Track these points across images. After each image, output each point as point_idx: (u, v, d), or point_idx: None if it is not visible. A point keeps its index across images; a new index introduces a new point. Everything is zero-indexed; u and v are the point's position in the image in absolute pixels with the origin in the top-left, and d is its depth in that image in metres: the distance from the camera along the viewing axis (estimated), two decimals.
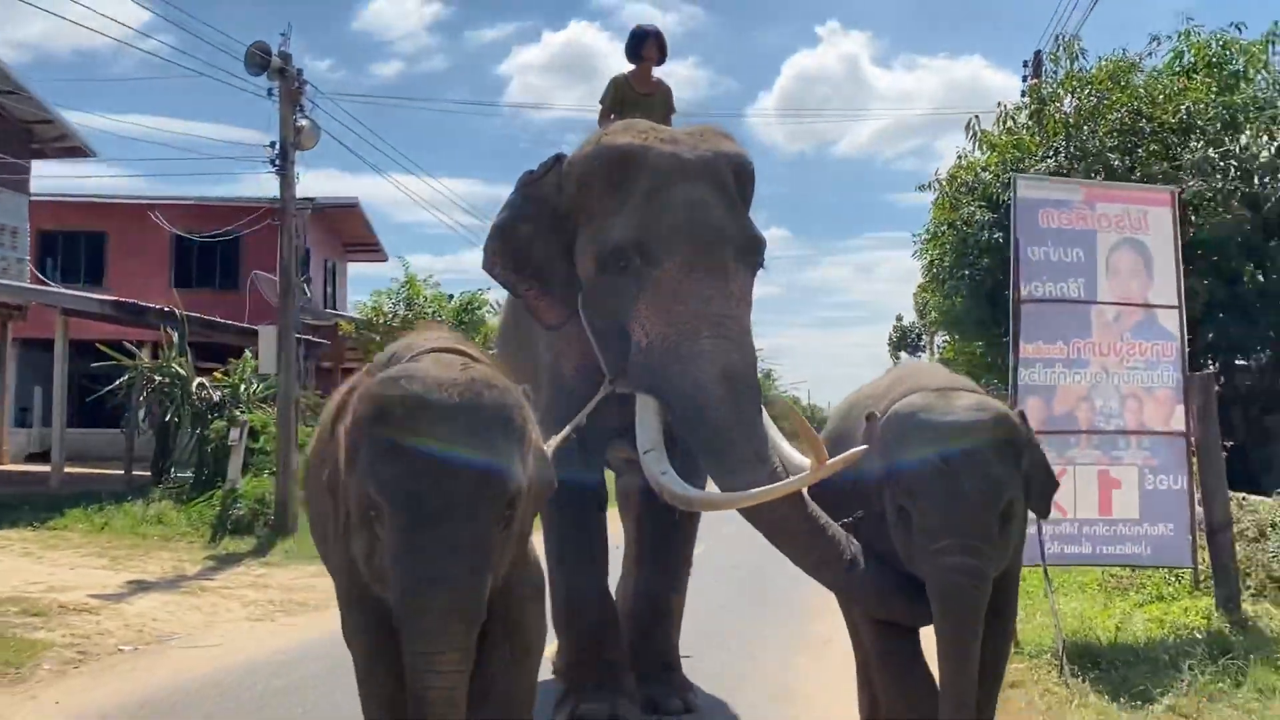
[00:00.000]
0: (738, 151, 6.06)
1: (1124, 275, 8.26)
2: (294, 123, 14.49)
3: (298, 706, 6.81)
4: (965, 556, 4.33)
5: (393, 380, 3.67)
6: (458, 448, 3.60)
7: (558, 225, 6.04)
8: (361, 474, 3.60)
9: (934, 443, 4.52)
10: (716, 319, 5.44)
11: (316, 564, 12.63)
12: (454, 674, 3.51)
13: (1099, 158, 15.37)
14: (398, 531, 3.52)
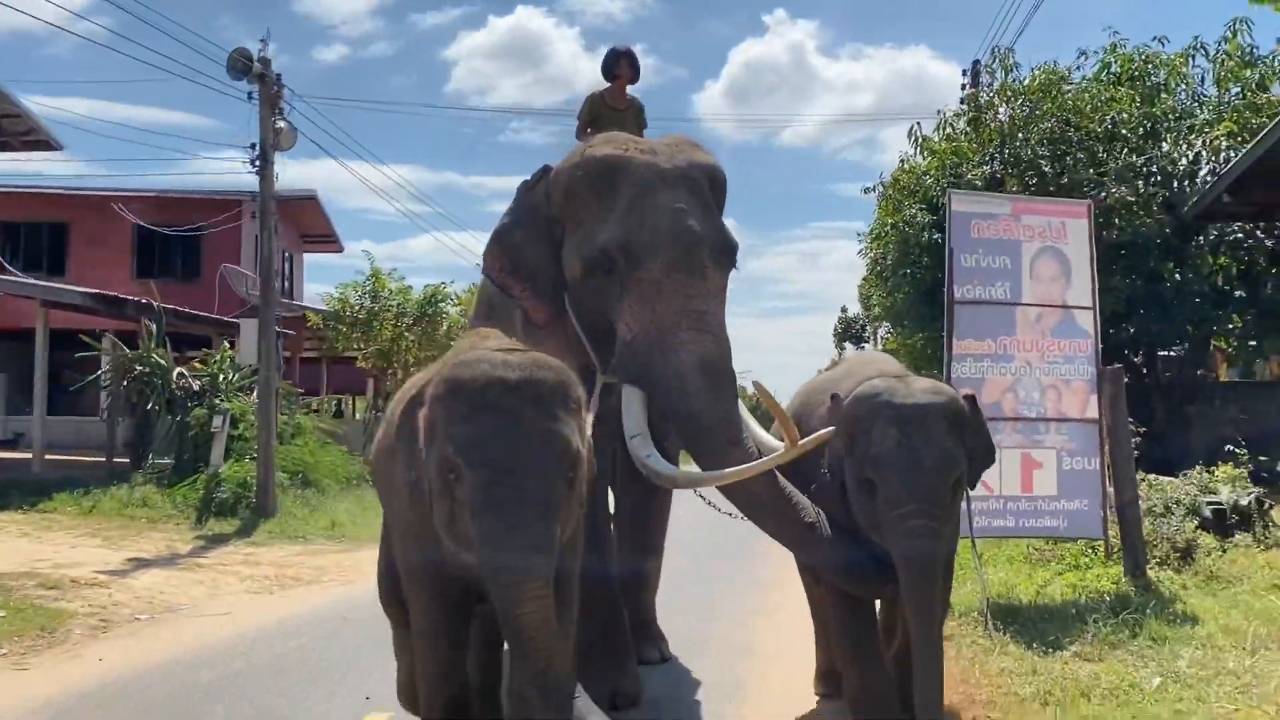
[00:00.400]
0: (711, 161, 6.53)
1: (1045, 280, 9.28)
2: (273, 124, 15.15)
3: (311, 665, 7.60)
4: (925, 520, 5.02)
5: (464, 364, 4.28)
6: (524, 414, 4.18)
7: (546, 231, 6.47)
8: (441, 441, 4.15)
9: (895, 421, 5.14)
10: (696, 315, 5.89)
11: (300, 544, 13.51)
12: (542, 599, 3.99)
13: (1031, 165, 16.50)
14: (476, 488, 4.03)
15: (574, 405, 4.38)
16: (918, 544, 4.99)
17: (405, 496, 4.61)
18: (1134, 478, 9.37)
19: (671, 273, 5.92)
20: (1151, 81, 17.87)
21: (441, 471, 4.16)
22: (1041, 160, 16.50)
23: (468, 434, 4.09)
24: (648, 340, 5.80)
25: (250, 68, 14.64)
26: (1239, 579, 9.01)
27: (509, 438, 4.10)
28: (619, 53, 7.87)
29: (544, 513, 4.07)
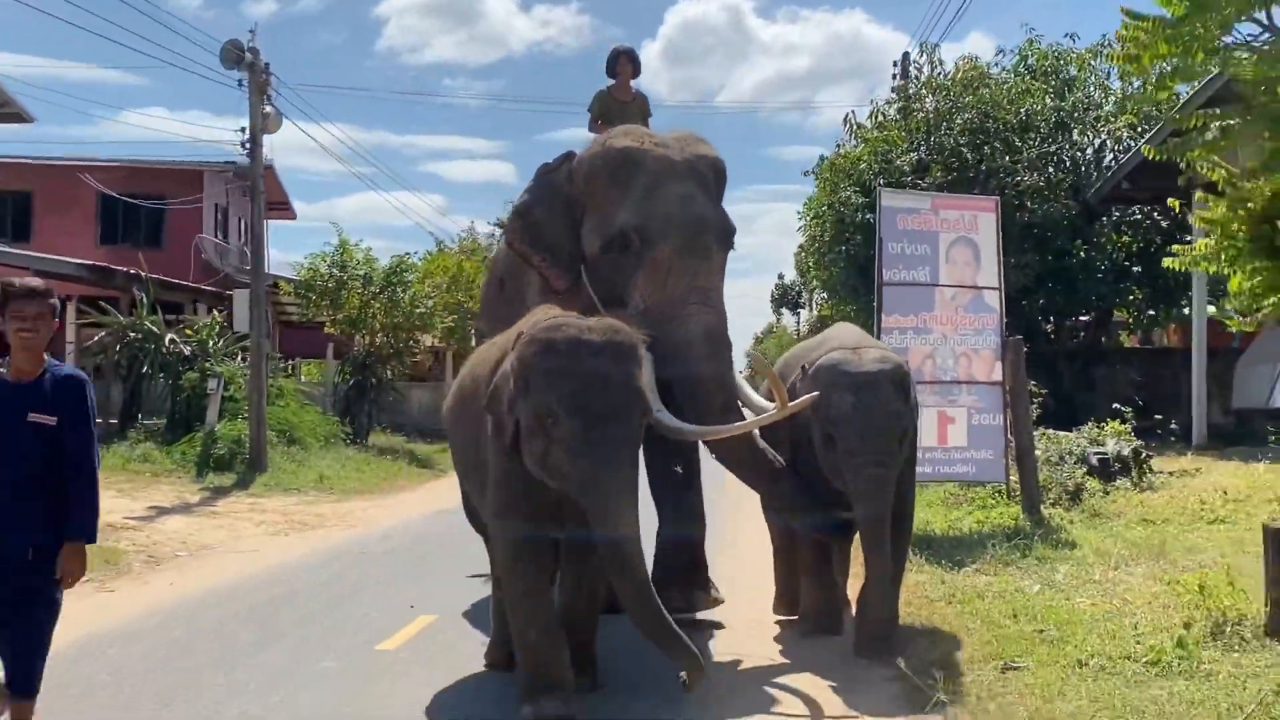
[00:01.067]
0: (714, 155, 7.37)
1: (959, 265, 10.95)
2: (262, 110, 16.34)
3: (350, 585, 9.10)
4: (876, 467, 6.15)
5: (552, 329, 5.18)
6: (609, 371, 5.06)
7: (567, 210, 7.18)
8: (538, 394, 5.01)
9: (850, 387, 6.26)
10: (701, 291, 6.76)
11: (294, 495, 14.90)
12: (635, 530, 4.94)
13: (954, 152, 18.22)
14: (573, 433, 4.92)
15: (641, 362, 5.35)
16: (869, 484, 6.19)
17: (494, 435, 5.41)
18: (1031, 431, 11.12)
19: (681, 254, 6.77)
20: (1063, 76, 19.65)
21: (539, 417, 5.04)
22: (963, 148, 18.23)
23: (565, 387, 5.01)
24: (659, 312, 6.60)
25: (242, 58, 15.81)
26: (1116, 515, 10.82)
27: (599, 390, 5.04)
28: (619, 52, 8.85)
29: (630, 454, 5.11)
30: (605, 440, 5.00)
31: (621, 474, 5.04)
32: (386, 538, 11.92)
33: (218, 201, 29.48)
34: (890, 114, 20.05)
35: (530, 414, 5.09)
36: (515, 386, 5.18)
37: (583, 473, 4.99)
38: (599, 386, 5.06)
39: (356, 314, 22.17)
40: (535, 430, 5.09)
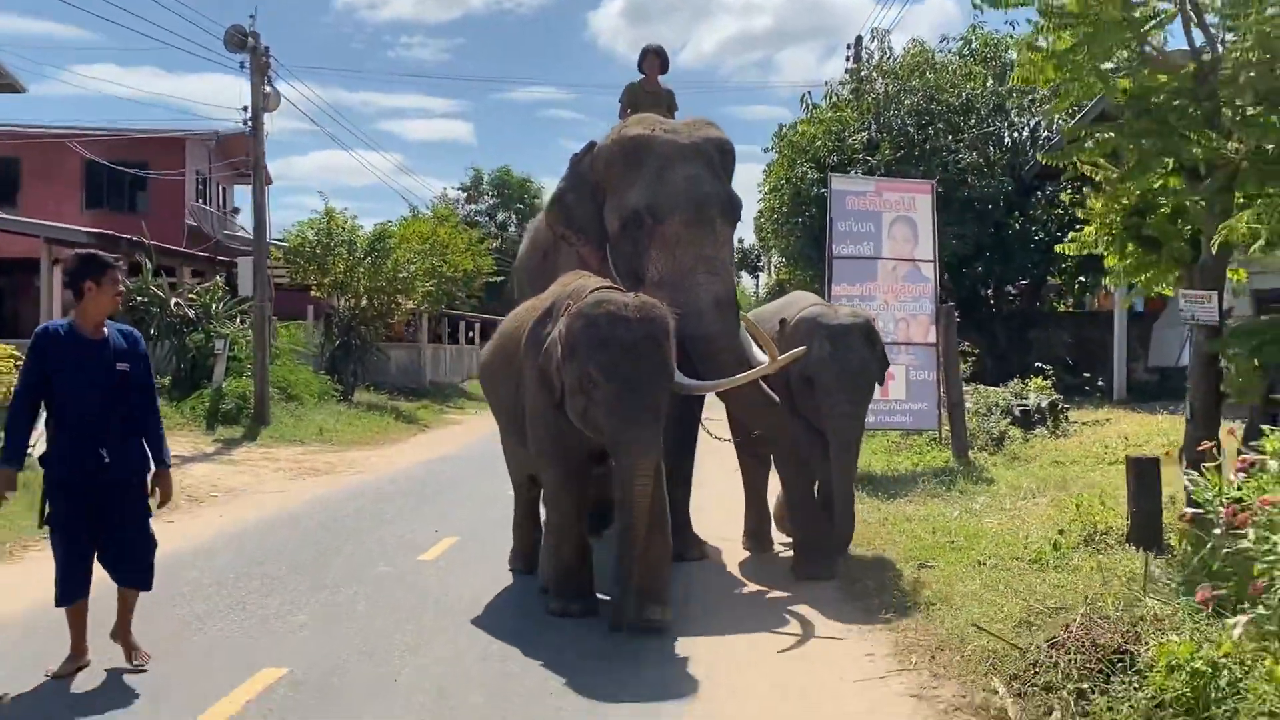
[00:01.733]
0: (722, 137, 8.06)
1: (899, 240, 12.55)
2: (262, 90, 17.57)
3: (379, 515, 10.58)
4: (851, 407, 7.39)
5: (596, 304, 6.08)
6: (642, 344, 5.93)
7: (591, 194, 7.99)
8: (582, 359, 5.94)
9: (828, 337, 7.40)
10: (708, 260, 7.48)
11: (299, 446, 16.38)
12: (652, 478, 5.84)
13: (901, 132, 19.77)
14: (611, 395, 5.87)
15: (670, 335, 6.24)
16: (844, 422, 7.42)
17: (539, 391, 6.43)
18: (961, 387, 12.79)
19: (688, 227, 7.50)
20: (1002, 61, 21.22)
21: (582, 380, 6.03)
22: (910, 128, 19.79)
23: (604, 357, 5.96)
24: (671, 281, 7.33)
25: (246, 42, 17.02)
26: (1032, 458, 12.51)
27: (633, 360, 5.96)
28: (648, 50, 9.66)
29: (656, 414, 6.05)
30: (635, 403, 5.97)
31: (647, 431, 6.00)
32: (394, 480, 13.41)
33: (198, 168, 30.50)
34: (844, 94, 21.55)
35: (574, 377, 6.10)
36: (562, 353, 6.15)
37: (614, 429, 6.01)
38: (633, 357, 6.01)
39: (342, 278, 23.45)
40: (577, 390, 6.12)
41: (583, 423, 6.20)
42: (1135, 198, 8.09)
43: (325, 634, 6.11)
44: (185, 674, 5.38)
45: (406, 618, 6.47)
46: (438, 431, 21.50)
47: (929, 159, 19.09)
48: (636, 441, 5.95)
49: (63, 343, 5.35)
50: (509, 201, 62.41)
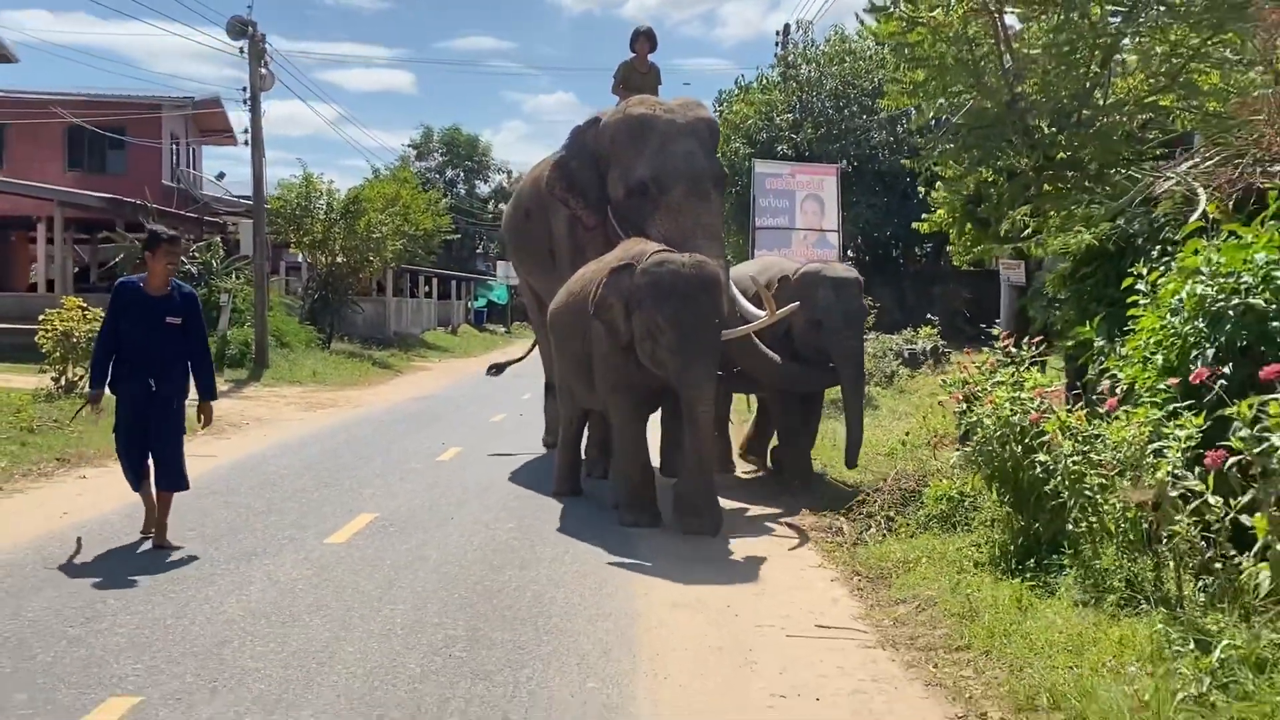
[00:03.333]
0: (710, 117, 9.30)
1: (809, 214, 15.34)
2: (259, 72, 19.88)
3: (391, 431, 13.24)
4: (856, 342, 8.70)
5: (659, 263, 7.29)
6: (699, 296, 7.14)
7: (594, 163, 9.00)
8: (649, 310, 7.11)
9: (833, 287, 8.62)
10: (707, 227, 8.55)
11: (298, 386, 19.16)
12: (710, 404, 7.25)
13: (822, 113, 22.50)
14: (676, 340, 7.05)
15: (722, 288, 7.49)
16: (854, 354, 8.69)
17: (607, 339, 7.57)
18: None
19: (687, 197, 8.57)
20: None
21: (650, 328, 7.24)
22: (829, 110, 22.55)
23: (668, 307, 7.17)
24: (674, 243, 8.17)
25: (245, 31, 19.32)
26: (915, 391, 15.43)
27: (691, 309, 7.16)
28: (639, 32, 10.81)
29: (712, 353, 7.35)
30: (694, 344, 7.18)
31: (705, 367, 7.24)
32: (391, 412, 16.05)
33: (174, 130, 32.48)
34: (773, 77, 24.23)
35: (642, 325, 7.35)
36: (632, 304, 7.39)
37: (679, 367, 7.21)
38: (691, 306, 7.21)
39: (321, 237, 25.82)
40: (645, 337, 7.38)
41: (651, 362, 7.38)
42: (971, 189, 10.95)
43: (390, 497, 8.77)
44: (310, 516, 8.00)
45: (442, 494, 9.13)
46: (411, 376, 24.08)
47: (845, 137, 21.84)
48: (697, 376, 7.21)
49: (131, 297, 6.80)
50: (458, 159, 64.45)
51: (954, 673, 4.60)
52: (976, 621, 5.08)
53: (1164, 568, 4.79)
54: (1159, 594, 4.71)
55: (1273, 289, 5.20)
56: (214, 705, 4.18)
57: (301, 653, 4.81)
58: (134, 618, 5.30)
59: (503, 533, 7.57)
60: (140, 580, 6.01)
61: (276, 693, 4.33)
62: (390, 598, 5.78)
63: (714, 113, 25.81)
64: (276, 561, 6.55)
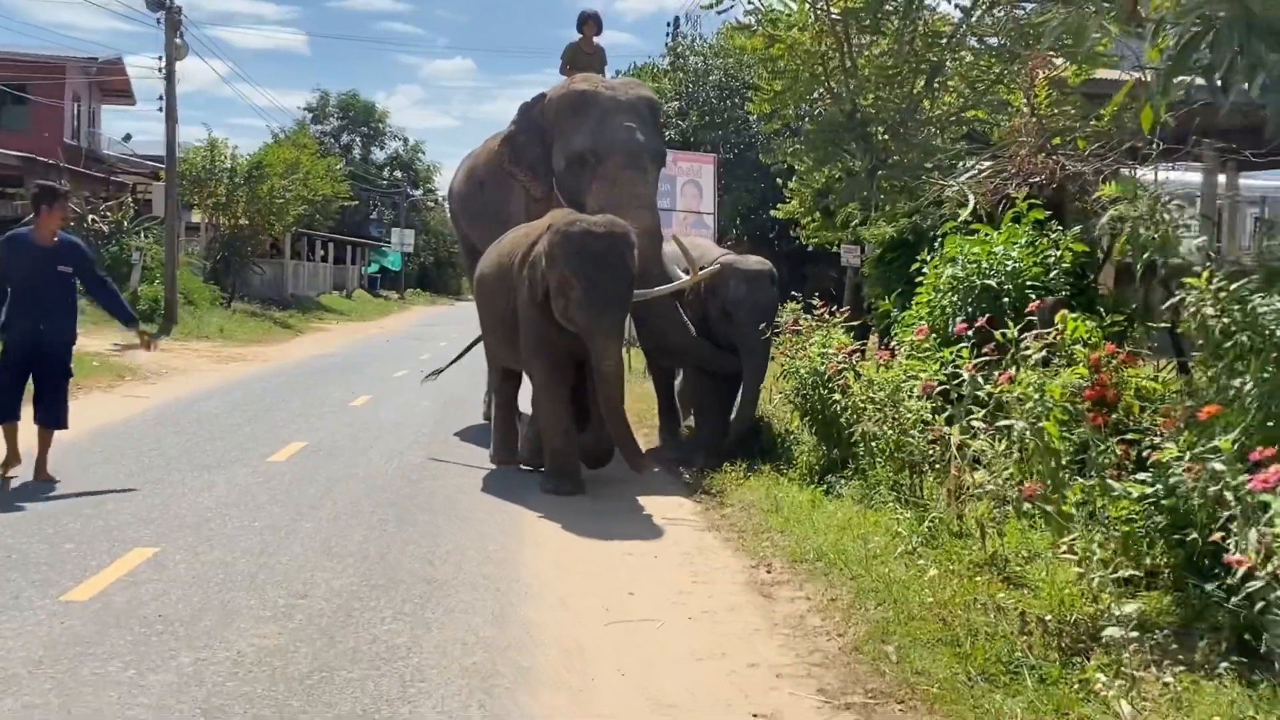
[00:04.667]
0: (651, 97, 9.63)
1: (689, 198, 17.06)
2: (175, 43, 20.85)
3: (320, 375, 14.59)
4: (761, 333, 8.47)
5: (570, 224, 7.52)
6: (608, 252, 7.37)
7: (541, 137, 9.27)
8: (559, 266, 7.30)
9: (745, 279, 8.75)
10: (641, 197, 8.78)
11: (207, 342, 20.50)
12: (619, 357, 7.59)
13: (707, 102, 24.23)
14: (584, 292, 7.25)
15: (632, 246, 7.63)
16: (758, 346, 8.63)
17: (528, 299, 7.74)
18: None
19: (624, 169, 8.76)
20: None
21: (562, 283, 7.44)
22: (714, 100, 24.27)
23: (577, 263, 7.39)
24: (609, 212, 8.27)
25: (164, 3, 20.27)
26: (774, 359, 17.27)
27: (600, 265, 7.39)
28: (587, 15, 11.12)
29: (620, 308, 7.64)
30: (602, 298, 7.40)
31: (614, 322, 7.50)
32: (300, 366, 17.39)
33: (76, 90, 32.84)
34: (663, 66, 25.87)
35: (555, 281, 7.55)
36: (546, 262, 7.61)
37: (586, 320, 7.44)
38: (600, 262, 7.44)
39: (224, 201, 26.77)
40: (558, 292, 7.56)
41: (564, 319, 7.59)
42: (819, 183, 12.80)
43: (315, 431, 10.24)
44: (249, 442, 9.45)
45: (360, 430, 10.61)
46: (312, 336, 25.28)
47: (727, 126, 23.58)
48: (605, 330, 7.48)
49: (21, 247, 7.44)
50: (354, 125, 64.81)
51: (756, 543, 6.34)
52: (778, 514, 6.84)
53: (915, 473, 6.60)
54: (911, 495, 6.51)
55: (1004, 273, 7.08)
56: (213, 555, 5.73)
57: (269, 528, 6.36)
58: (133, 504, 6.80)
59: (417, 458, 9.14)
60: (120, 481, 7.48)
61: (258, 548, 5.90)
62: (332, 495, 7.35)
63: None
64: (231, 473, 8.05)
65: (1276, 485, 3.13)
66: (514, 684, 4.14)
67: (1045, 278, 7.06)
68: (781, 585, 5.60)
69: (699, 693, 4.14)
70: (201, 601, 4.95)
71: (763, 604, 5.32)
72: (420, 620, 4.82)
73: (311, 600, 5.04)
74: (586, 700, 4.04)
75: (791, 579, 5.66)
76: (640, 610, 5.14)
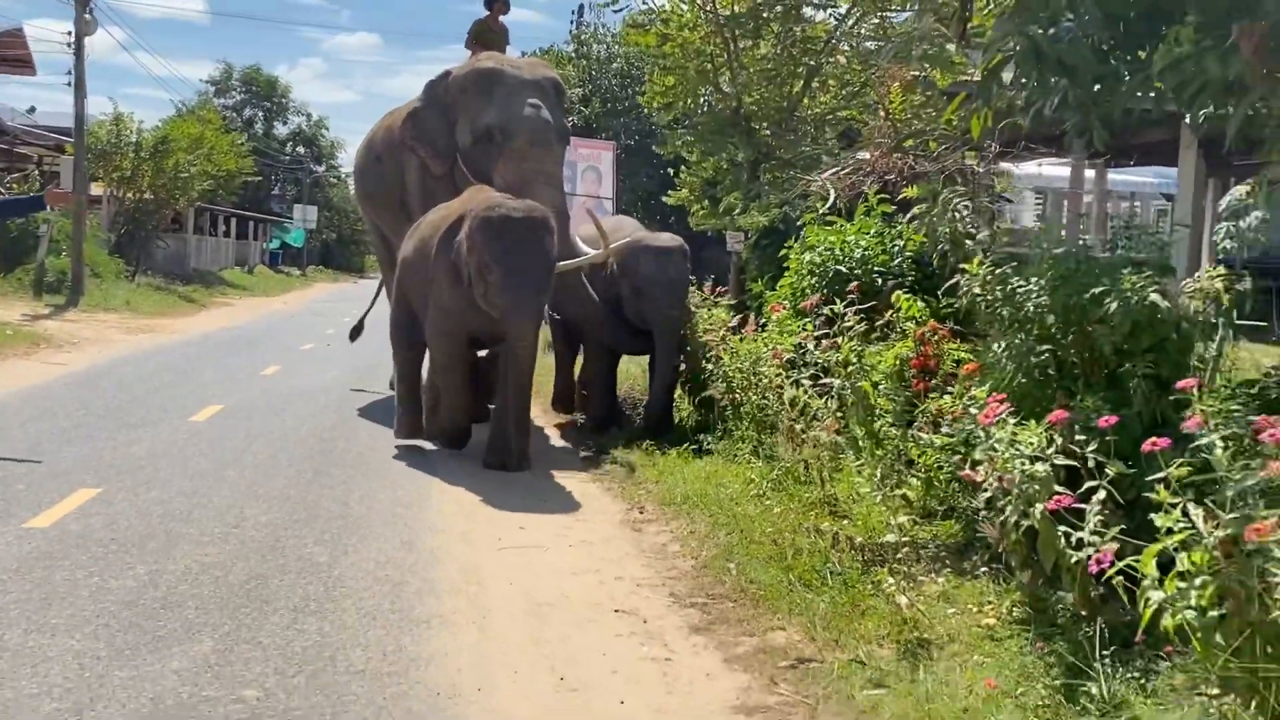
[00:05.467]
0: (555, 77, 9.86)
1: (589, 183, 17.95)
2: (84, 18, 21.03)
3: (217, 351, 15.17)
4: (673, 310, 8.78)
5: (490, 208, 7.63)
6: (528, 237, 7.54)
7: (444, 114, 9.36)
8: (480, 251, 7.40)
9: (655, 255, 8.88)
10: (548, 174, 9.06)
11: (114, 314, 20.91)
12: (534, 341, 7.77)
13: (609, 90, 25.08)
14: (502, 277, 7.37)
15: (553, 232, 7.84)
16: (670, 322, 8.82)
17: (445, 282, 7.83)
18: None
19: (530, 145, 8.96)
20: None
21: (480, 268, 7.54)
22: (615, 88, 25.14)
23: (499, 247, 7.52)
24: (515, 188, 8.57)
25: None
26: None
27: (519, 251, 7.56)
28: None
29: (539, 293, 7.75)
30: (521, 284, 7.59)
31: (532, 306, 7.66)
32: (207, 338, 17.90)
33: None
34: (568, 53, 26.65)
35: (476, 265, 7.64)
36: (466, 246, 7.70)
37: (504, 304, 7.58)
38: (519, 248, 7.62)
39: (129, 175, 26.88)
40: (478, 276, 7.65)
41: (484, 302, 7.69)
42: (708, 173, 13.79)
43: (230, 396, 10.89)
44: (169, 405, 10.10)
45: (273, 395, 11.30)
46: (217, 310, 25.60)
47: (629, 113, 24.47)
48: (522, 314, 7.65)
49: None
50: (257, 99, 64.20)
51: (632, 491, 7.29)
52: (654, 468, 7.79)
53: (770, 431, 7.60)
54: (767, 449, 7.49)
55: (855, 259, 8.12)
56: (151, 494, 6.50)
57: (198, 475, 7.13)
58: (71, 454, 7.51)
59: (328, 421, 9.91)
60: (56, 436, 8.16)
61: (191, 490, 6.68)
62: (252, 450, 8.12)
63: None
64: (157, 430, 8.75)
65: (995, 419, 4.15)
66: (420, 590, 5.03)
67: (890, 264, 8.12)
68: (651, 523, 6.55)
69: (572, 596, 5.08)
70: (147, 529, 5.74)
71: (633, 536, 6.27)
72: (339, 545, 5.68)
73: (243, 530, 5.86)
74: (479, 602, 4.94)
75: (659, 518, 6.61)
76: (529, 540, 6.05)
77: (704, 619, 4.79)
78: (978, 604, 4.53)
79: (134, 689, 3.76)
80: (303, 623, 4.49)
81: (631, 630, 4.65)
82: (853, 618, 4.56)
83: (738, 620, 4.74)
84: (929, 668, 4.01)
